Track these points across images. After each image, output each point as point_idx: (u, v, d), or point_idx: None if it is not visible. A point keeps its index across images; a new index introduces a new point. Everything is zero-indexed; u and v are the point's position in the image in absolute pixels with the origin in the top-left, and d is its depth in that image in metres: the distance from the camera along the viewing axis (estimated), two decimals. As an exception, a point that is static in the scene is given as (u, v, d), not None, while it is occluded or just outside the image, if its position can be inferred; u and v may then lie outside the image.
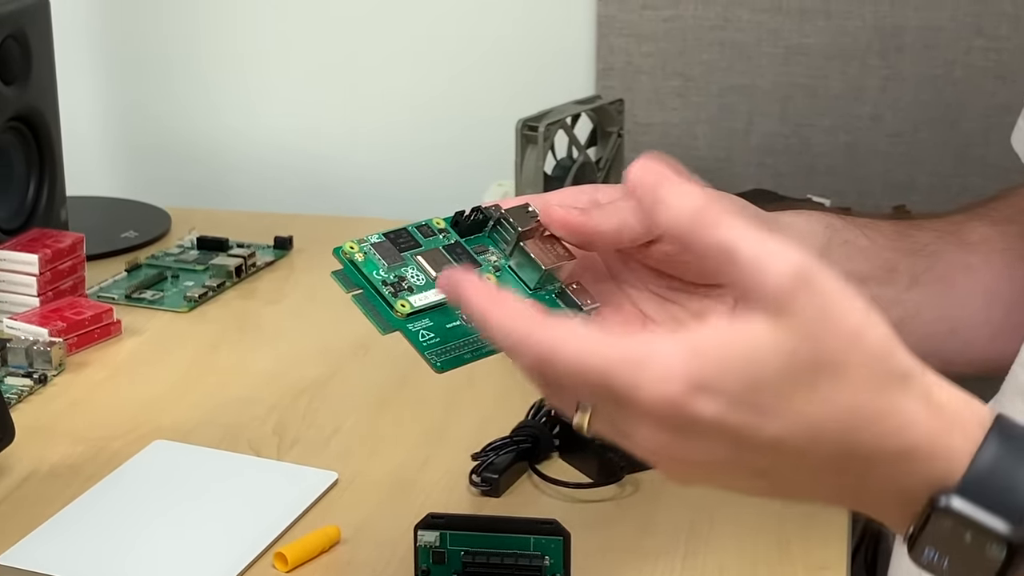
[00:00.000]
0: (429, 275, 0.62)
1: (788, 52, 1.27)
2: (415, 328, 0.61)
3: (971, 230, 0.79)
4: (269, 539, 0.77)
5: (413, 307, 0.61)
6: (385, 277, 0.62)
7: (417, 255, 0.63)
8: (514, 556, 0.70)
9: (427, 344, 0.61)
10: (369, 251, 0.62)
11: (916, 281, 0.75)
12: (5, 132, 1.08)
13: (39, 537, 0.77)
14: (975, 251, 0.78)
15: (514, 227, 0.64)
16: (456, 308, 0.60)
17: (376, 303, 0.61)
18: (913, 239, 0.77)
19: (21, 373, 0.96)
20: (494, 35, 1.33)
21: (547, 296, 0.64)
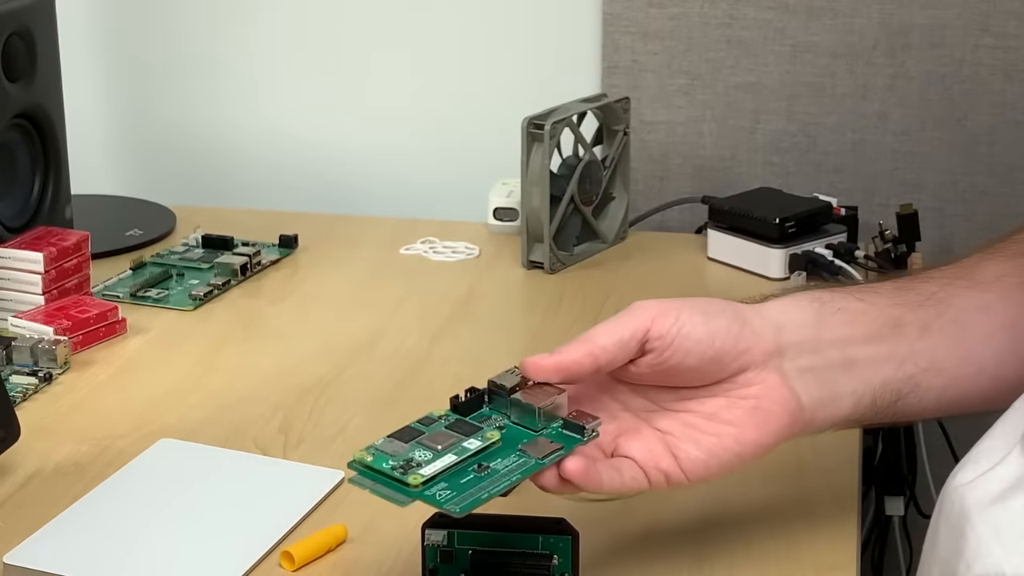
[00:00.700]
0: (435, 450, 0.67)
1: (795, 50, 1.26)
2: (431, 492, 0.66)
3: (984, 269, 0.78)
4: (276, 538, 0.77)
5: (425, 476, 0.66)
6: (395, 464, 0.67)
7: (422, 440, 0.68)
8: (522, 555, 0.70)
9: (444, 500, 0.65)
10: (376, 452, 0.67)
11: (928, 330, 0.74)
12: (10, 130, 1.08)
13: (45, 536, 0.76)
14: (990, 289, 0.77)
15: (502, 388, 0.70)
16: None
17: (391, 486, 0.66)
18: (916, 291, 0.76)
19: (26, 371, 0.96)
20: (500, 33, 1.33)
21: (553, 432, 0.69)
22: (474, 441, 0.68)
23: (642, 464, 0.70)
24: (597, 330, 0.69)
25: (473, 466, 0.67)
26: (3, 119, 1.06)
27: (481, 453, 0.67)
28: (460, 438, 0.68)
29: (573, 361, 0.68)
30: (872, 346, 0.73)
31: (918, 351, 0.73)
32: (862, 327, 0.73)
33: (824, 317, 0.73)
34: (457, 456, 0.67)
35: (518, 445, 0.68)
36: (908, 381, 0.73)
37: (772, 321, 0.72)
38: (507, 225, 1.23)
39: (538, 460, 0.67)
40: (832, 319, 0.73)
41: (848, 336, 0.73)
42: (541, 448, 0.67)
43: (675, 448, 0.70)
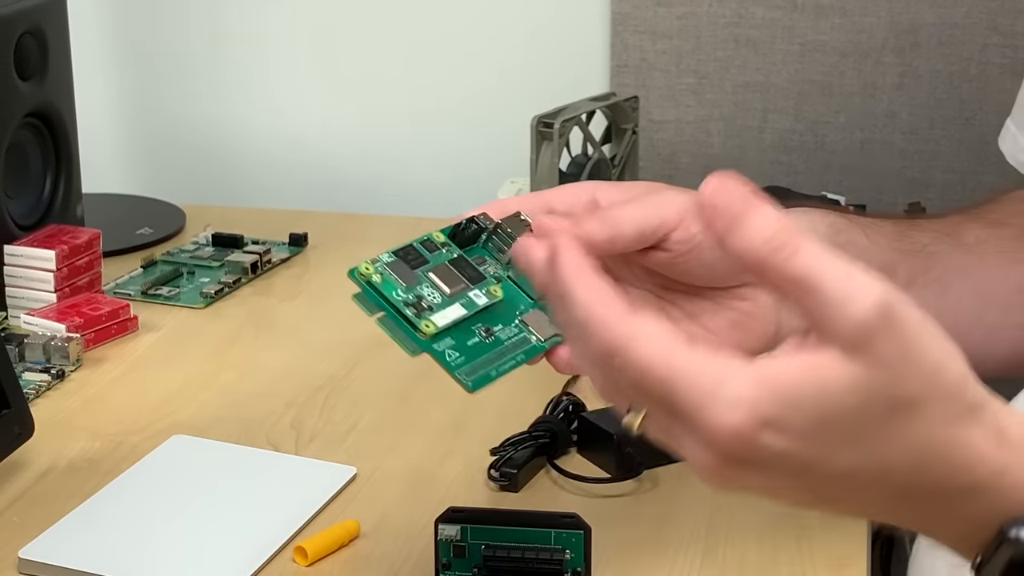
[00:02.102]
0: (444, 292, 0.63)
1: (803, 49, 1.27)
2: (441, 348, 0.62)
3: (968, 231, 0.79)
4: (289, 533, 0.77)
5: (437, 327, 0.62)
6: (406, 298, 0.63)
7: (428, 272, 0.64)
8: (535, 550, 0.70)
9: (455, 364, 0.62)
10: (384, 271, 0.63)
11: (913, 283, 0.74)
12: (22, 128, 1.08)
13: (59, 531, 0.77)
14: (971, 252, 0.78)
15: (511, 237, 0.65)
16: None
17: (400, 325, 0.63)
18: (912, 239, 0.76)
19: (39, 368, 0.96)
20: (509, 32, 1.33)
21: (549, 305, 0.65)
22: (480, 295, 0.64)
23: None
24: (623, 213, 0.64)
25: (479, 327, 0.64)
26: (15, 118, 1.06)
27: (486, 311, 0.64)
28: (467, 285, 0.64)
29: (592, 242, 0.62)
30: None
31: None
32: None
33: (834, 246, 0.70)
34: (466, 310, 0.63)
35: (516, 313, 0.65)
36: None
37: None
38: (516, 223, 1.23)
39: (539, 343, 0.64)
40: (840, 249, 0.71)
41: None
42: (541, 327, 0.65)
43: None
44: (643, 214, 0.64)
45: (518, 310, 0.65)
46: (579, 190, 0.67)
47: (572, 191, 0.67)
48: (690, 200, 0.65)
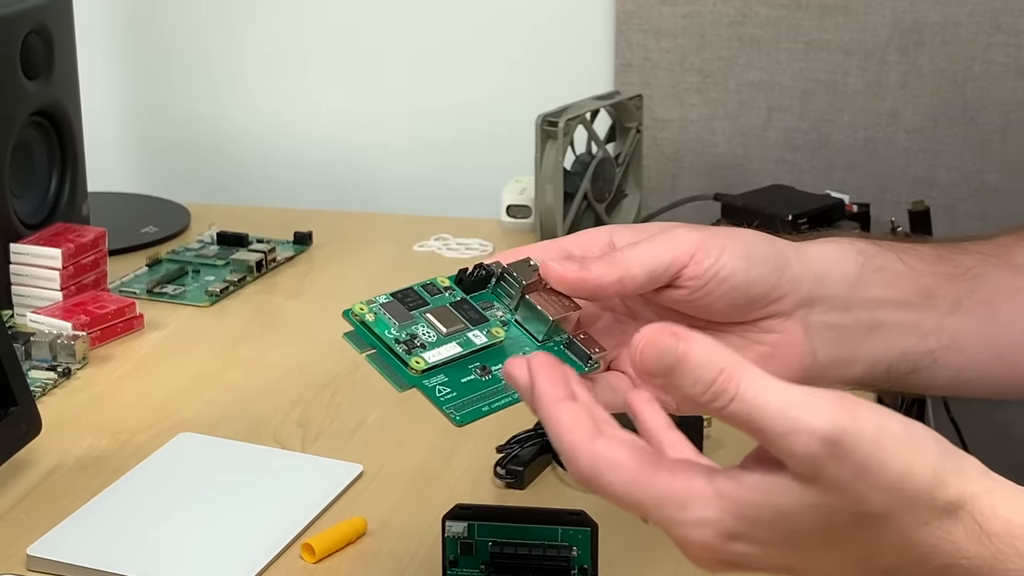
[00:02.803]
0: (440, 332, 0.63)
1: (807, 48, 1.27)
2: (431, 384, 0.62)
3: (1018, 252, 0.76)
4: (296, 530, 0.77)
5: (428, 363, 0.62)
6: (397, 335, 0.62)
7: (426, 313, 0.64)
8: (542, 547, 0.71)
9: (445, 399, 0.62)
10: (379, 311, 0.63)
11: (958, 306, 0.72)
12: (28, 127, 1.08)
13: (67, 528, 0.77)
14: (1021, 274, 0.75)
15: (518, 281, 0.65)
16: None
17: (390, 361, 0.62)
18: (955, 263, 0.74)
19: (45, 366, 0.96)
20: (513, 31, 1.34)
21: (555, 348, 0.65)
22: (479, 335, 0.64)
23: (637, 384, 0.65)
24: (631, 255, 0.63)
25: (476, 365, 0.63)
26: (21, 116, 1.06)
27: (485, 350, 0.63)
28: (466, 326, 0.64)
29: (599, 285, 0.62)
30: (901, 313, 0.70)
31: (943, 326, 0.71)
32: (897, 291, 0.70)
33: (865, 273, 0.69)
34: (462, 348, 0.63)
35: (520, 354, 0.63)
36: (927, 355, 0.70)
37: (813, 269, 0.67)
38: (520, 222, 1.23)
39: None
40: (872, 277, 0.69)
41: (882, 298, 0.69)
42: None
43: None
44: (652, 254, 0.64)
45: (522, 351, 0.64)
46: (596, 235, 0.67)
47: (589, 236, 0.67)
48: (701, 236, 0.65)
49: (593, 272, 0.63)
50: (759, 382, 0.51)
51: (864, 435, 0.51)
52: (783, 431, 0.50)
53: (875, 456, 0.51)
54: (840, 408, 0.51)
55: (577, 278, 0.63)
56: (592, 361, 0.64)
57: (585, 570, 0.71)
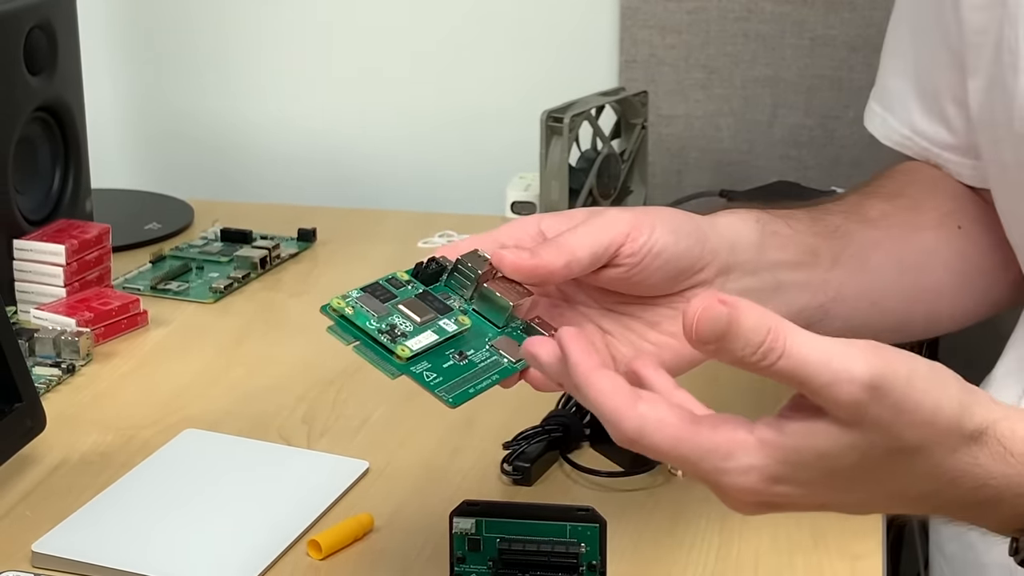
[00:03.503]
0: (415, 321, 0.66)
1: (813, 44, 1.27)
2: (418, 370, 0.65)
3: (870, 207, 0.83)
4: (302, 527, 0.77)
5: (412, 351, 0.65)
6: (379, 326, 0.65)
7: (398, 304, 0.67)
8: (550, 543, 0.70)
9: (435, 384, 0.65)
10: (356, 304, 0.66)
11: (836, 261, 0.78)
12: (31, 123, 1.08)
13: (72, 524, 0.77)
14: (877, 226, 0.82)
15: (473, 271, 0.68)
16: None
17: (376, 351, 0.65)
18: (825, 223, 0.80)
19: (49, 363, 0.96)
20: (518, 27, 1.33)
21: (513, 332, 0.68)
22: (449, 323, 0.67)
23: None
24: (573, 239, 0.67)
25: (452, 351, 0.66)
26: (24, 112, 1.06)
27: (455, 337, 0.67)
28: (436, 315, 0.67)
29: (550, 270, 0.66)
30: (795, 272, 0.75)
31: (828, 281, 0.77)
32: (790, 252, 0.75)
33: (764, 238, 0.74)
34: (437, 336, 0.66)
35: (486, 340, 0.67)
36: (819, 310, 0.76)
37: (726, 239, 0.72)
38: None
39: (511, 364, 0.67)
40: (769, 241, 0.74)
41: (779, 260, 0.74)
42: (511, 351, 0.67)
43: (614, 350, 0.70)
44: (592, 236, 0.68)
45: (487, 337, 0.68)
46: (525, 223, 0.70)
47: (519, 225, 0.70)
48: (632, 215, 0.69)
49: (544, 258, 0.67)
50: (801, 338, 0.55)
51: (898, 377, 0.55)
52: (827, 381, 0.54)
53: (909, 396, 0.55)
54: (874, 355, 0.55)
55: (531, 265, 0.67)
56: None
57: (594, 566, 0.70)
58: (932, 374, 0.56)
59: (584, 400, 0.59)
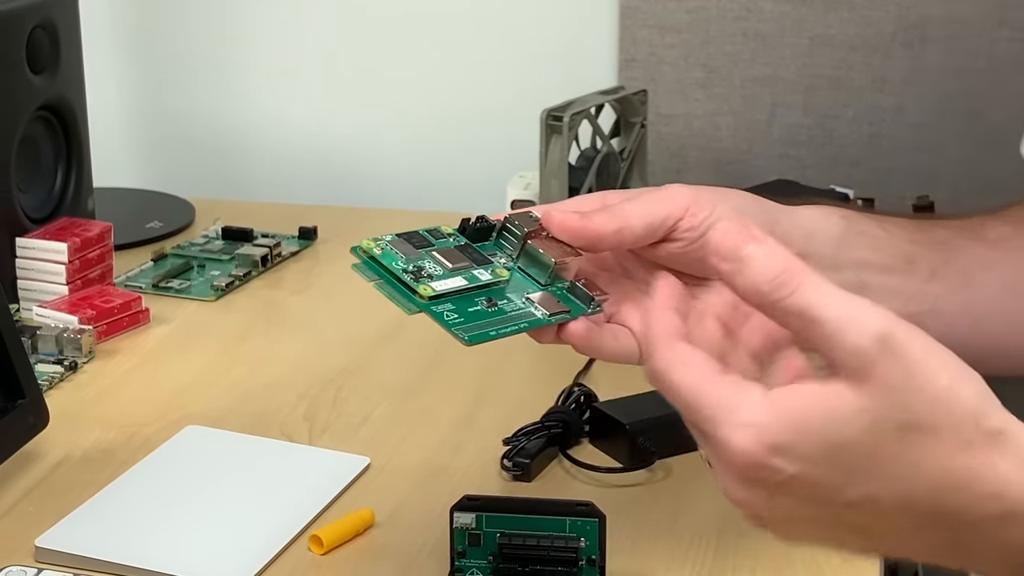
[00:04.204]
0: (445, 267, 0.65)
1: (812, 43, 1.27)
2: (439, 309, 0.64)
3: (990, 228, 0.80)
4: (304, 522, 0.77)
5: (435, 291, 0.64)
6: (405, 267, 0.64)
7: (432, 251, 0.66)
8: (550, 538, 0.71)
9: (453, 322, 0.63)
10: (386, 246, 0.65)
11: (935, 274, 0.75)
12: (34, 122, 1.08)
13: (75, 519, 0.77)
14: (994, 248, 0.79)
15: (520, 229, 0.67)
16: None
17: (399, 289, 0.64)
18: (931, 233, 0.77)
19: (51, 360, 0.96)
20: (518, 26, 1.34)
21: (557, 291, 0.67)
22: (484, 273, 0.66)
23: (639, 337, 0.68)
24: (631, 208, 0.66)
25: (482, 298, 0.65)
26: (27, 111, 1.06)
27: (489, 287, 0.65)
28: (471, 264, 0.66)
29: (599, 234, 0.65)
30: (886, 276, 0.72)
31: (924, 292, 0.74)
32: (880, 255, 0.73)
33: (848, 236, 0.72)
34: (467, 282, 0.65)
35: (524, 293, 0.66)
36: (912, 319, 0.72)
37: (802, 227, 0.70)
38: (525, 217, 1.23)
39: (546, 316, 0.65)
40: (855, 240, 0.72)
41: (866, 260, 0.72)
42: (548, 304, 0.66)
43: None
44: (649, 207, 0.66)
45: (526, 291, 0.67)
46: (589, 197, 0.69)
47: (581, 200, 0.69)
48: (695, 191, 0.67)
49: (594, 221, 0.65)
50: (818, 282, 0.53)
51: (915, 343, 0.53)
52: (837, 327, 0.52)
53: (924, 363, 0.52)
54: (893, 318, 0.53)
55: (579, 225, 0.65)
56: (595, 303, 0.66)
57: (593, 561, 0.71)
58: (954, 360, 0.53)
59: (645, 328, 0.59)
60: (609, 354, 0.68)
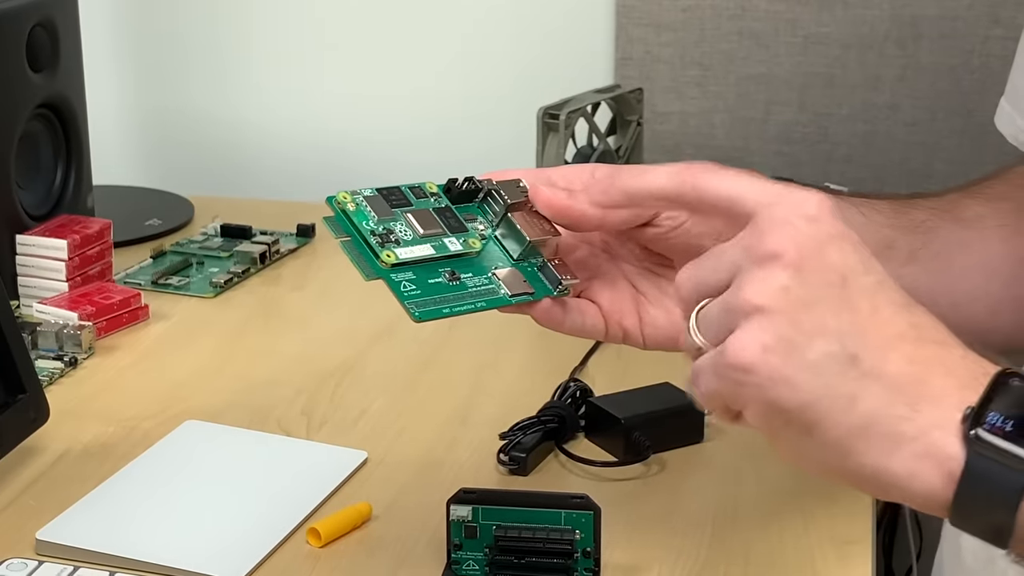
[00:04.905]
0: (416, 232, 0.65)
1: (806, 41, 1.28)
2: (398, 278, 0.64)
3: (965, 207, 0.81)
4: (302, 515, 0.78)
5: (398, 259, 0.64)
6: (373, 228, 0.64)
7: (407, 212, 0.66)
8: (545, 530, 0.71)
9: (408, 294, 0.63)
10: (361, 202, 0.65)
11: (914, 257, 0.76)
12: (33, 120, 1.09)
13: (75, 513, 0.78)
14: (970, 227, 0.80)
15: (503, 198, 0.67)
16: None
17: (362, 251, 0.64)
18: (909, 216, 0.78)
19: (51, 356, 0.97)
20: (515, 25, 1.34)
21: (529, 268, 0.67)
22: (455, 242, 0.66)
23: (606, 314, 0.69)
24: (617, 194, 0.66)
25: (445, 269, 0.65)
26: (27, 109, 1.07)
27: (458, 258, 0.65)
28: (444, 232, 0.66)
29: (582, 214, 0.66)
30: None
31: (902, 275, 0.72)
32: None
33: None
34: (435, 251, 0.65)
35: (492, 267, 0.66)
36: None
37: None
38: (522, 214, 1.24)
39: (506, 296, 0.66)
40: None
41: None
42: (512, 284, 0.66)
43: (643, 310, 0.69)
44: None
45: (495, 266, 0.67)
46: (579, 170, 0.69)
47: (573, 170, 0.69)
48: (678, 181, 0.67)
49: (579, 202, 0.66)
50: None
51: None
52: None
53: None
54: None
55: (563, 204, 0.66)
56: (562, 287, 0.67)
57: (588, 553, 0.71)
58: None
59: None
60: (571, 330, 0.68)
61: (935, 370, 0.57)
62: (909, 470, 0.56)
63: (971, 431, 0.55)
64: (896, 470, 0.56)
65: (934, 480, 0.56)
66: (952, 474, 0.55)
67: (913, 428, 0.56)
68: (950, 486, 0.56)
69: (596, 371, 0.94)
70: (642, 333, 0.69)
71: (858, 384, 0.56)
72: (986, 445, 0.55)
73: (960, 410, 0.56)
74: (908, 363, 0.56)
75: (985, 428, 0.55)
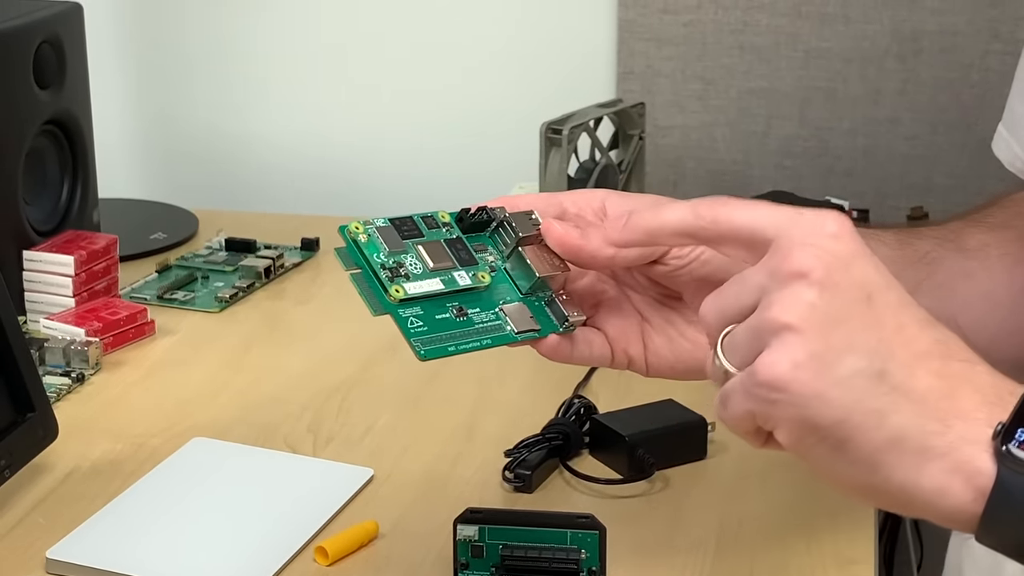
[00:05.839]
0: (427, 265, 0.65)
1: (807, 56, 1.29)
2: (405, 314, 0.64)
3: (969, 236, 0.81)
4: (309, 533, 0.79)
5: (407, 294, 0.64)
6: (384, 261, 0.65)
7: (418, 244, 0.66)
8: (551, 550, 0.72)
9: (414, 331, 0.64)
10: (373, 233, 0.65)
11: (918, 288, 0.76)
12: (40, 136, 1.09)
13: (85, 531, 0.78)
14: (973, 257, 0.80)
15: (515, 231, 0.67)
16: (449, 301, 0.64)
17: (372, 284, 0.64)
18: (914, 247, 0.79)
19: (59, 372, 0.98)
20: (517, 40, 1.35)
21: (536, 303, 0.68)
22: (464, 276, 0.66)
23: (612, 342, 0.70)
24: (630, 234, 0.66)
25: (454, 304, 0.65)
26: (34, 125, 1.08)
27: (466, 292, 0.66)
28: (454, 264, 0.66)
29: (592, 255, 0.66)
30: None
31: None
32: None
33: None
34: (444, 286, 0.65)
35: (500, 302, 0.67)
36: None
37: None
38: (525, 228, 1.24)
39: (513, 333, 0.66)
40: None
41: None
42: (519, 320, 0.66)
43: (648, 338, 0.70)
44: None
45: (503, 300, 0.67)
46: (591, 195, 0.70)
47: (584, 196, 0.70)
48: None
49: (591, 243, 0.66)
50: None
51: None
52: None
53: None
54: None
55: (576, 244, 0.66)
56: (568, 324, 0.67)
57: (593, 572, 0.72)
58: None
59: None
60: (579, 361, 0.69)
61: (962, 386, 0.57)
62: (938, 485, 0.57)
63: (1003, 447, 0.56)
64: (925, 485, 0.57)
65: (963, 495, 0.57)
66: (982, 489, 0.56)
67: (943, 443, 0.57)
68: (979, 501, 0.56)
69: (600, 388, 0.95)
70: (646, 361, 0.70)
71: (888, 399, 0.56)
72: (1018, 461, 0.56)
73: (990, 426, 0.56)
74: (936, 379, 0.57)
75: (1015, 444, 0.56)
